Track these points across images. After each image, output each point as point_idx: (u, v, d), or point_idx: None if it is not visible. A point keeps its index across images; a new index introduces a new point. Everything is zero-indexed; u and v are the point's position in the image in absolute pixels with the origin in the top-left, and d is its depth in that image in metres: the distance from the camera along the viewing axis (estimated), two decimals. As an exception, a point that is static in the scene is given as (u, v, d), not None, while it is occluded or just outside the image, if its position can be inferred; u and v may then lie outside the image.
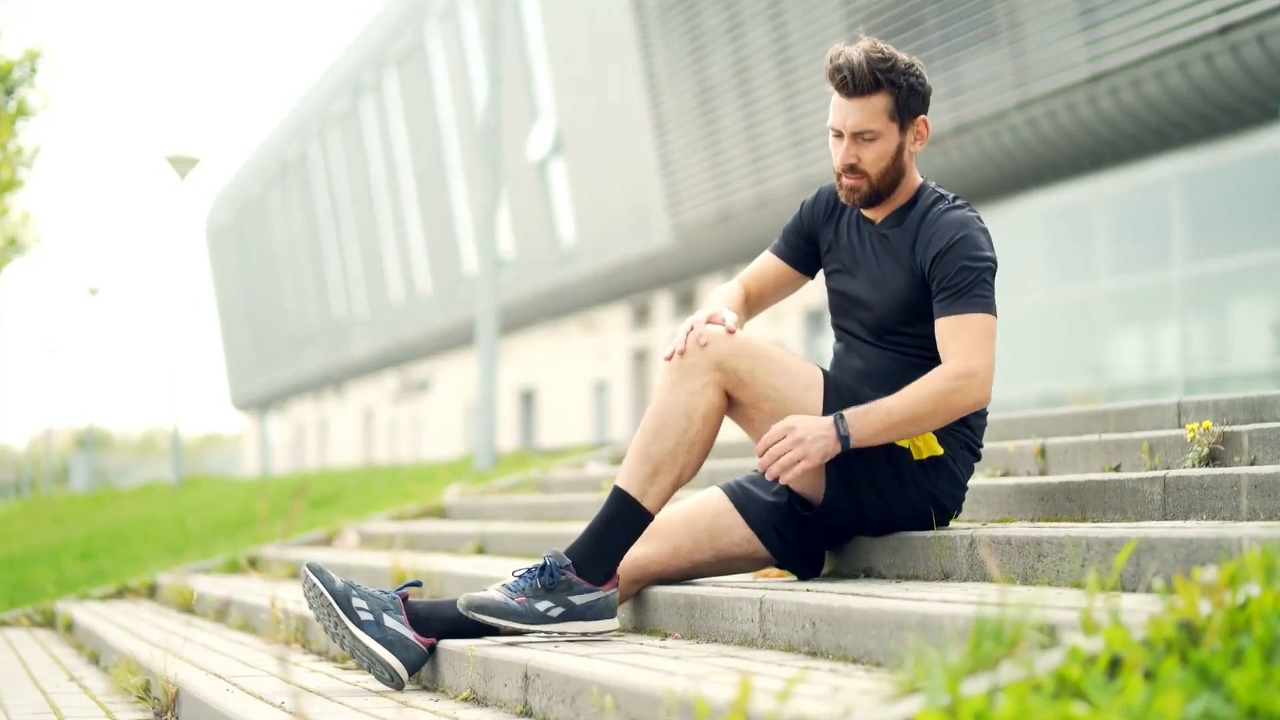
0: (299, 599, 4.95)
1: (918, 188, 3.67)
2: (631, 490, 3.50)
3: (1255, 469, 3.36)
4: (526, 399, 31.11)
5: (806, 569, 3.73)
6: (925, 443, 3.55)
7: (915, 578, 3.51)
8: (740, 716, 2.20)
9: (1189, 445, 3.94)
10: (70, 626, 6.70)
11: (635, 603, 3.80)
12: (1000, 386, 6.18)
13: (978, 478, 4.49)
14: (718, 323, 3.55)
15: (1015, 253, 15.78)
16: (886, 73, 3.54)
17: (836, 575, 3.77)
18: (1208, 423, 3.91)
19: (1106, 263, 15.23)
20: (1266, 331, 13.95)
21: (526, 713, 3.11)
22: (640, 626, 3.79)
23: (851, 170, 3.60)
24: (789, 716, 2.17)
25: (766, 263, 3.89)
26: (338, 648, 3.70)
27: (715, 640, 3.42)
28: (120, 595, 7.60)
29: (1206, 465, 3.85)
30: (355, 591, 3.59)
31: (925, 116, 3.61)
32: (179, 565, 8.02)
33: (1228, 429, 3.90)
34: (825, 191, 3.82)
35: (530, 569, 3.52)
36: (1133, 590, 2.86)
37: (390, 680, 3.56)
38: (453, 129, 29.70)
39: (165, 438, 75.26)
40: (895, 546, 3.59)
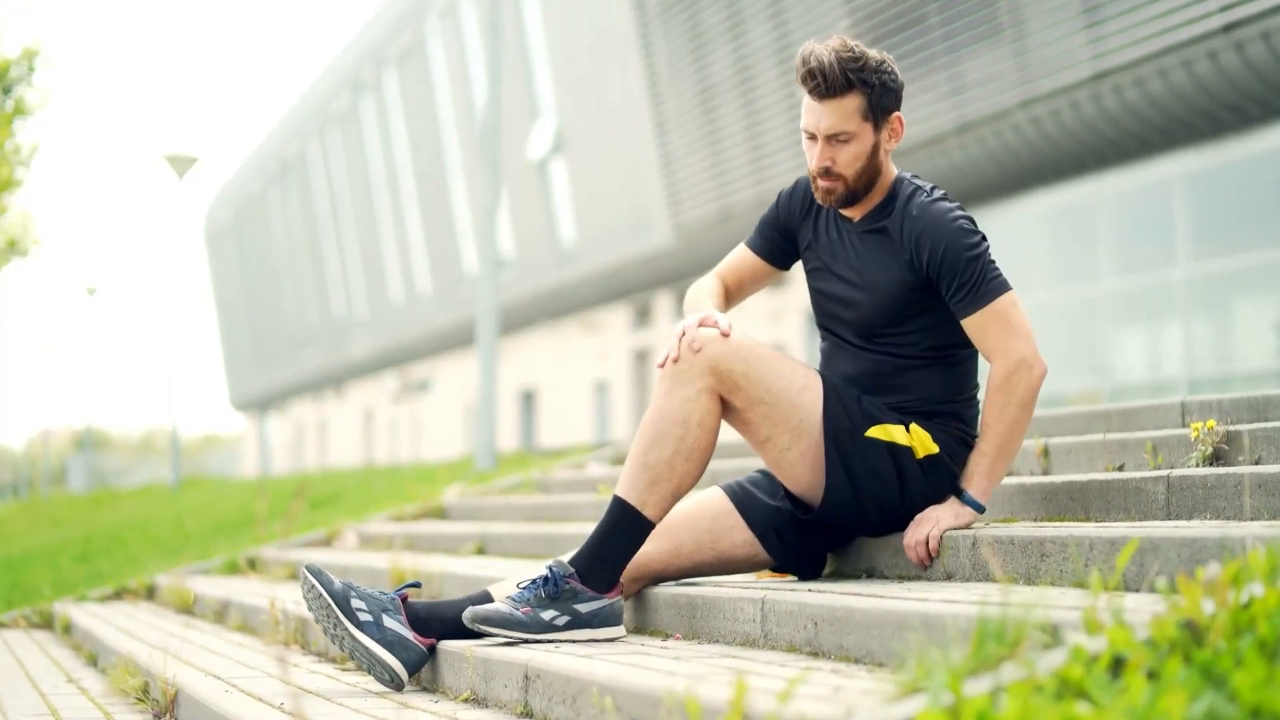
0: (298, 600, 4.94)
1: (894, 181, 3.63)
2: (631, 499, 3.48)
3: (1259, 468, 3.35)
4: (527, 399, 31.11)
5: (807, 571, 3.71)
6: (921, 442, 3.53)
7: (917, 578, 3.50)
8: (738, 717, 2.19)
9: (1192, 445, 3.93)
10: (68, 628, 6.69)
11: (636, 603, 3.78)
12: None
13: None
14: (710, 326, 3.52)
15: (1018, 252, 15.78)
16: (858, 72, 3.49)
17: (838, 575, 3.76)
18: (1211, 422, 3.90)
19: (1110, 262, 15.21)
20: (1271, 331, 13.92)
21: (527, 713, 3.09)
22: (641, 627, 3.77)
23: (827, 173, 3.56)
24: (790, 717, 2.16)
25: (742, 257, 3.88)
26: (337, 649, 3.68)
27: (717, 641, 3.41)
28: (119, 596, 7.58)
29: (1210, 465, 3.84)
30: (354, 592, 3.57)
31: (899, 113, 3.58)
32: (178, 566, 8.01)
33: (1231, 428, 3.89)
34: (803, 184, 3.76)
35: (534, 580, 3.50)
36: (1136, 590, 2.86)
37: (390, 681, 3.55)
38: (453, 128, 29.68)
39: (164, 438, 75.35)
40: (897, 547, 3.58)
